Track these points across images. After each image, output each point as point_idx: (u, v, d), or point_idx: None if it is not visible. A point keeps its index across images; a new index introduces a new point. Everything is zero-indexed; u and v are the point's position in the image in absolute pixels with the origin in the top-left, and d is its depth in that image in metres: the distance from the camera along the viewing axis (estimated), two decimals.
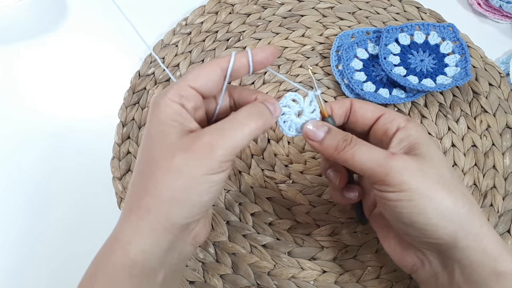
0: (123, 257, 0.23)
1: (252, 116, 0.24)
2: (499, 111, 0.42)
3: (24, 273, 0.38)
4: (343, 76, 0.43)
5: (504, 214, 0.38)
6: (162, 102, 0.24)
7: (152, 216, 0.23)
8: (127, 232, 0.23)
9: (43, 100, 0.45)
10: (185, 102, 0.24)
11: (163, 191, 0.22)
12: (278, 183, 0.40)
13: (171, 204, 0.23)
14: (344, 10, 0.49)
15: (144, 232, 0.23)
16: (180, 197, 0.23)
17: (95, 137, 0.43)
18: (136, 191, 0.24)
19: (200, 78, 0.25)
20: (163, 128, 0.23)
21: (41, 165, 0.42)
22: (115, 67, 0.48)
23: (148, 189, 0.23)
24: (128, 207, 0.24)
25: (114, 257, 0.23)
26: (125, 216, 0.24)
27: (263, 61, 0.25)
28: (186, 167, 0.22)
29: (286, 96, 0.26)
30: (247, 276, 0.36)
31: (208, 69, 0.25)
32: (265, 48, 0.25)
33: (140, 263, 0.23)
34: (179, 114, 0.24)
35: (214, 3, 0.49)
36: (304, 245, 0.37)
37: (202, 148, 0.22)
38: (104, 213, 0.39)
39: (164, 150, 0.23)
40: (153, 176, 0.23)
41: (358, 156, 0.25)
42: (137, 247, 0.23)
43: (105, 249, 0.24)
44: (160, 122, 0.24)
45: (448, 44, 0.44)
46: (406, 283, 0.35)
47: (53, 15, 0.50)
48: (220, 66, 0.25)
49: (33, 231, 0.39)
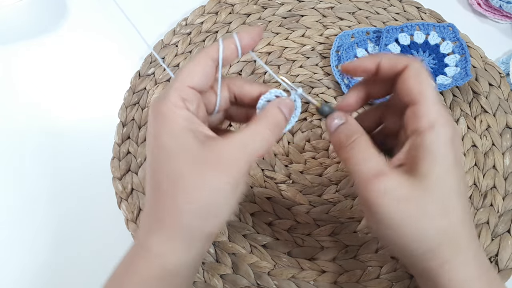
0: (158, 268, 0.23)
1: (271, 127, 0.24)
2: (499, 111, 0.42)
3: (24, 273, 0.38)
4: (343, 76, 0.43)
5: (504, 214, 0.38)
6: (168, 111, 0.23)
7: (188, 230, 0.23)
8: (162, 244, 0.23)
9: (43, 100, 0.45)
10: (189, 105, 0.23)
11: (195, 207, 0.23)
12: (278, 183, 0.40)
13: (206, 217, 0.23)
14: (344, 10, 0.49)
15: (181, 244, 0.23)
16: (211, 210, 0.23)
17: (95, 137, 0.43)
18: (164, 205, 0.23)
19: (196, 75, 0.24)
20: (180, 140, 0.23)
21: (41, 165, 0.42)
22: (115, 67, 0.48)
23: (180, 205, 0.23)
24: (158, 220, 0.24)
25: (148, 269, 0.23)
26: (156, 228, 0.23)
27: (250, 43, 0.25)
28: (216, 183, 0.22)
29: (271, 92, 0.26)
30: (247, 276, 0.36)
31: (201, 63, 0.24)
32: (250, 30, 0.25)
33: (175, 273, 0.23)
34: (190, 122, 0.23)
35: (214, 3, 0.49)
36: (304, 245, 0.37)
37: (228, 163, 0.22)
38: (104, 213, 0.39)
39: (189, 164, 0.23)
40: (185, 192, 0.23)
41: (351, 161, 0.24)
42: (174, 258, 0.23)
43: (135, 260, 0.24)
44: (174, 134, 0.23)
45: (448, 44, 0.44)
46: (406, 283, 0.35)
47: (53, 15, 0.50)
48: (211, 56, 0.24)
49: (33, 231, 0.39)
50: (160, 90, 0.44)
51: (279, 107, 0.25)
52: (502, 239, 0.37)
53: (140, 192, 0.39)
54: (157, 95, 0.24)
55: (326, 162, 0.41)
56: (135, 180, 0.39)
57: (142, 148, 0.41)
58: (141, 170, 0.40)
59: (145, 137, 0.41)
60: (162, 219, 0.23)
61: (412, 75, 0.24)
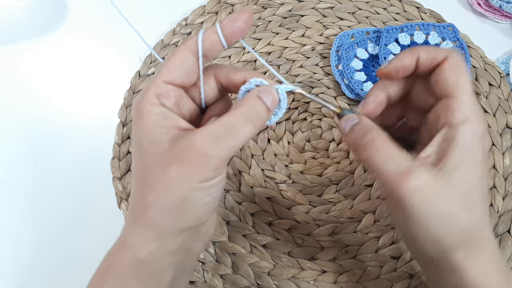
0: (132, 258, 0.23)
1: (248, 118, 0.22)
2: (499, 111, 0.42)
3: (24, 272, 0.38)
4: (343, 76, 0.43)
5: (504, 214, 0.38)
6: (143, 109, 0.23)
7: (158, 225, 0.23)
8: (134, 238, 0.23)
9: (43, 100, 0.45)
10: (165, 101, 0.23)
11: (163, 203, 0.22)
12: (278, 183, 0.40)
13: (174, 213, 0.23)
14: (344, 10, 0.49)
15: (151, 238, 0.23)
16: (182, 206, 0.23)
17: (95, 137, 0.43)
18: (138, 203, 0.24)
19: (173, 69, 0.23)
20: (153, 137, 0.23)
21: (41, 165, 0.42)
22: (115, 67, 0.48)
23: (149, 201, 0.23)
24: (133, 216, 0.24)
25: (123, 259, 0.23)
26: (131, 223, 0.24)
27: (236, 32, 0.23)
28: (181, 179, 0.22)
29: (251, 82, 0.24)
30: (247, 276, 0.36)
31: (179, 57, 0.23)
32: (236, 17, 0.23)
33: (148, 263, 0.23)
34: (164, 117, 0.23)
35: (214, 3, 0.49)
36: (304, 245, 0.37)
37: (196, 158, 0.22)
38: (104, 213, 0.39)
39: (158, 160, 0.22)
40: (152, 189, 0.23)
41: (374, 160, 0.23)
42: (145, 250, 0.23)
43: (114, 251, 0.25)
44: (148, 131, 0.23)
45: (448, 44, 0.44)
46: (406, 283, 0.35)
47: (53, 15, 0.50)
48: (190, 49, 0.23)
49: (32, 231, 0.39)
50: None
51: (258, 96, 0.23)
52: (502, 239, 0.37)
53: None
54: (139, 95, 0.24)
55: (326, 162, 0.41)
56: None
57: None
58: None
59: None
60: (136, 216, 0.24)
61: (449, 68, 0.23)
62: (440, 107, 0.24)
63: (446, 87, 0.23)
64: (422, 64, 0.25)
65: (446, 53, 0.24)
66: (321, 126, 0.43)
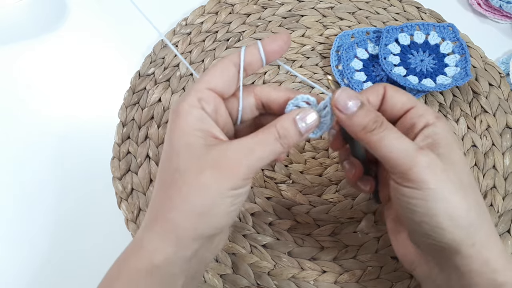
0: (147, 262, 0.23)
1: (278, 138, 0.23)
2: (499, 111, 0.42)
3: (24, 272, 0.38)
4: (343, 76, 0.43)
5: (504, 214, 0.38)
6: (182, 110, 0.23)
7: (179, 228, 0.23)
8: (153, 241, 0.23)
9: (43, 100, 0.45)
10: (205, 105, 0.24)
11: (190, 206, 0.23)
12: (278, 183, 0.40)
13: (198, 217, 0.23)
14: (344, 10, 0.49)
15: (170, 242, 0.23)
16: (207, 212, 0.23)
17: (95, 137, 0.43)
18: (162, 203, 0.24)
19: (215, 77, 0.24)
20: (188, 139, 0.23)
21: (41, 165, 0.42)
22: (115, 67, 0.48)
23: (174, 203, 0.23)
24: (154, 217, 0.24)
25: (137, 262, 0.23)
26: (151, 225, 0.24)
27: (276, 51, 0.25)
28: (213, 184, 0.22)
29: (298, 98, 0.25)
30: (247, 276, 0.36)
31: (222, 67, 0.24)
32: (277, 37, 0.25)
33: (162, 269, 0.23)
34: (201, 121, 0.23)
35: (214, 3, 0.49)
36: (304, 245, 0.37)
37: (229, 166, 0.22)
38: (104, 213, 0.39)
39: (191, 163, 0.23)
40: (180, 190, 0.23)
41: (385, 142, 0.24)
42: (162, 254, 0.23)
43: (129, 254, 0.24)
44: (184, 132, 0.23)
45: (448, 44, 0.44)
46: (406, 283, 0.35)
47: (53, 15, 0.50)
48: (233, 61, 0.24)
49: (32, 231, 0.39)
50: (159, 90, 0.44)
51: (294, 119, 0.24)
52: (502, 239, 0.37)
53: (140, 192, 0.39)
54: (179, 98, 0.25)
55: (326, 162, 0.41)
56: (135, 180, 0.39)
57: (142, 148, 0.41)
58: (141, 170, 0.40)
59: (147, 136, 0.42)
60: (157, 216, 0.24)
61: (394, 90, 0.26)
62: (410, 116, 0.26)
63: (402, 104, 0.26)
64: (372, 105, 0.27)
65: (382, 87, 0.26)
66: None
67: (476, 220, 0.24)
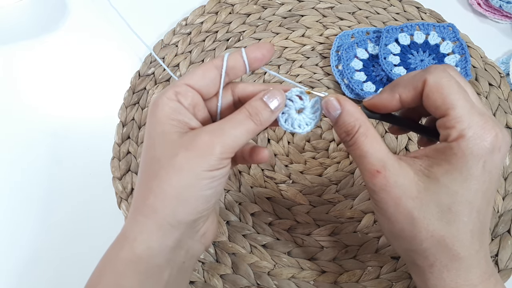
0: (130, 253, 0.23)
1: (249, 116, 0.24)
2: (499, 111, 0.42)
3: (24, 272, 0.38)
4: (343, 76, 0.43)
5: (504, 214, 0.38)
6: (160, 101, 0.24)
7: (158, 214, 0.23)
8: (134, 230, 0.24)
9: (43, 100, 0.45)
10: (181, 98, 0.24)
11: (167, 189, 0.23)
12: (278, 183, 0.40)
13: (176, 201, 0.23)
14: (344, 10, 0.49)
15: (150, 230, 0.23)
16: (183, 194, 0.23)
17: (95, 137, 0.43)
18: (141, 191, 0.24)
19: (195, 75, 0.25)
20: (163, 127, 0.24)
21: (41, 165, 0.42)
22: (115, 67, 0.48)
23: (152, 189, 0.23)
24: (135, 207, 0.25)
25: (121, 253, 0.24)
26: (132, 215, 0.25)
27: (259, 58, 0.25)
28: (187, 165, 0.23)
29: (293, 91, 0.26)
30: (247, 276, 0.36)
31: (203, 69, 0.25)
32: (260, 46, 0.25)
33: (146, 259, 0.24)
34: (177, 112, 0.24)
35: (214, 3, 0.49)
36: (304, 245, 0.37)
37: (202, 146, 0.23)
38: (104, 213, 0.39)
39: (166, 149, 0.23)
40: (156, 176, 0.23)
41: (357, 152, 0.24)
42: (143, 243, 0.23)
43: (114, 246, 0.25)
44: (160, 121, 0.24)
45: (448, 44, 0.44)
46: (406, 283, 0.35)
47: (53, 15, 0.50)
48: (215, 65, 0.25)
49: (32, 231, 0.39)
50: (159, 90, 0.44)
51: (261, 99, 0.25)
52: (502, 239, 0.37)
53: None
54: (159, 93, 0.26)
55: (326, 162, 0.41)
56: (135, 180, 0.39)
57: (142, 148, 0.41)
58: None
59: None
60: (138, 205, 0.24)
61: (430, 90, 0.23)
62: (438, 123, 0.23)
63: (436, 109, 0.23)
64: (405, 102, 0.25)
65: (422, 75, 0.24)
66: (321, 126, 0.43)
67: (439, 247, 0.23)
